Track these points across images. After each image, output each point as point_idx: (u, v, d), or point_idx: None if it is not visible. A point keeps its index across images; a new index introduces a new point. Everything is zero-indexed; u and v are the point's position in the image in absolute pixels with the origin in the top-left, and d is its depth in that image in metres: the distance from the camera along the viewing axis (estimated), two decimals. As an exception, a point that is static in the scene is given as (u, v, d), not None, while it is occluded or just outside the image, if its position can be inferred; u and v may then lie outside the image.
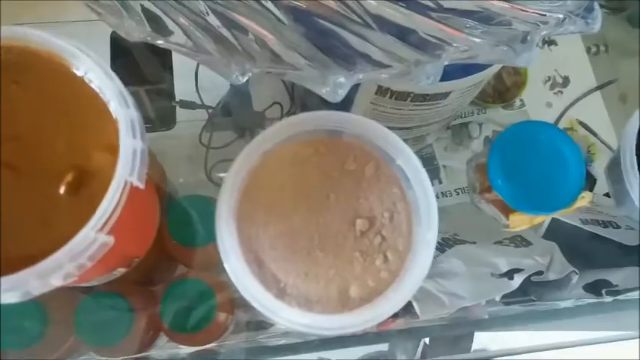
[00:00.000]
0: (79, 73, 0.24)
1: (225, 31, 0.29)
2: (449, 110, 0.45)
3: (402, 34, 0.30)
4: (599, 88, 0.56)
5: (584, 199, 0.32)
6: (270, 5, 0.27)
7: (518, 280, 0.39)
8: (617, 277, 0.41)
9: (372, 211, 0.28)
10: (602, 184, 0.41)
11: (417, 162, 0.28)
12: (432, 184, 0.52)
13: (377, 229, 0.28)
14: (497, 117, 0.55)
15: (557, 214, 0.34)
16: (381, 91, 0.38)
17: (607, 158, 0.45)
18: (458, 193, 0.54)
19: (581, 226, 0.42)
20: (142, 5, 0.28)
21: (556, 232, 0.43)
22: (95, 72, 0.24)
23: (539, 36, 0.31)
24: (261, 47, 0.29)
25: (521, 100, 0.55)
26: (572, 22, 0.32)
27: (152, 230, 0.32)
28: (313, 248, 0.27)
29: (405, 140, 0.41)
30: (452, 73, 0.37)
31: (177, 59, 0.50)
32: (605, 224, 0.44)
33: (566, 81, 0.57)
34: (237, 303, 0.37)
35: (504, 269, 0.40)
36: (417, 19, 0.31)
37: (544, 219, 0.35)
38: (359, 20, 0.29)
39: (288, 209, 0.28)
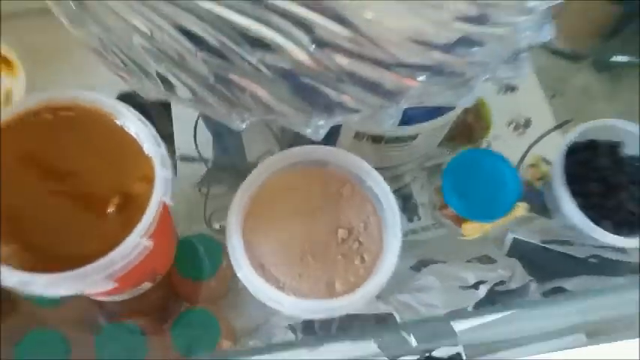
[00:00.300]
0: (119, 123, 0.32)
1: (225, 90, 0.37)
2: (419, 151, 0.52)
3: (370, 85, 0.39)
4: (557, 127, 0.63)
5: (520, 209, 0.39)
6: (262, 67, 0.35)
7: (483, 290, 0.45)
8: (570, 284, 0.48)
9: (351, 223, 0.36)
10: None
11: (384, 183, 0.36)
12: (412, 220, 0.59)
13: (355, 237, 0.35)
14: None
15: (501, 222, 0.41)
16: (359, 135, 0.46)
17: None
18: (436, 228, 0.61)
19: (542, 244, 0.50)
20: (156, 71, 0.37)
21: (519, 250, 0.50)
22: (132, 121, 0.32)
23: (478, 81, 0.40)
24: (256, 101, 0.37)
25: (488, 140, 0.63)
26: (504, 69, 0.40)
27: (172, 249, 0.39)
28: (305, 254, 0.35)
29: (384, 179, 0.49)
30: (417, 117, 0.45)
31: (177, 114, 0.54)
32: (562, 242, 0.51)
33: (527, 122, 0.64)
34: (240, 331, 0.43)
35: (471, 282, 0.46)
36: (383, 74, 0.39)
37: (491, 226, 0.42)
38: (334, 76, 0.38)
39: (283, 225, 0.35)
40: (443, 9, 0.41)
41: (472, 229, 0.41)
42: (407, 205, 0.60)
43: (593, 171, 0.43)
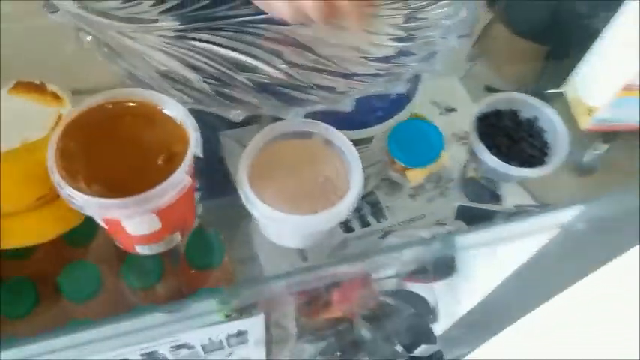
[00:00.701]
0: (162, 108, 0.47)
1: (223, 99, 0.53)
2: (377, 156, 0.68)
3: (327, 88, 0.55)
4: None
5: (445, 157, 0.55)
6: (248, 82, 0.52)
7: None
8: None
9: (327, 172, 0.50)
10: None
11: (347, 141, 0.51)
12: (380, 222, 0.74)
13: (331, 181, 0.50)
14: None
15: (434, 168, 0.57)
16: None
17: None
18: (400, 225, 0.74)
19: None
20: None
21: (463, 214, 0.65)
22: (171, 105, 0.47)
23: (406, 76, 0.56)
24: (245, 104, 0.53)
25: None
26: (423, 66, 0.57)
27: (194, 210, 0.52)
28: (297, 195, 0.49)
29: None
30: (370, 122, 0.61)
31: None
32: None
33: (466, 134, 0.80)
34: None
35: (427, 237, 0.61)
36: (337, 81, 0.56)
37: (428, 171, 0.57)
38: (304, 85, 0.54)
39: (283, 175, 0.50)
40: (380, 34, 0.59)
41: (414, 175, 0.56)
42: (375, 210, 0.74)
43: (500, 130, 0.60)
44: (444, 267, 0.90)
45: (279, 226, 0.48)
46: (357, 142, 0.59)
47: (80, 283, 0.52)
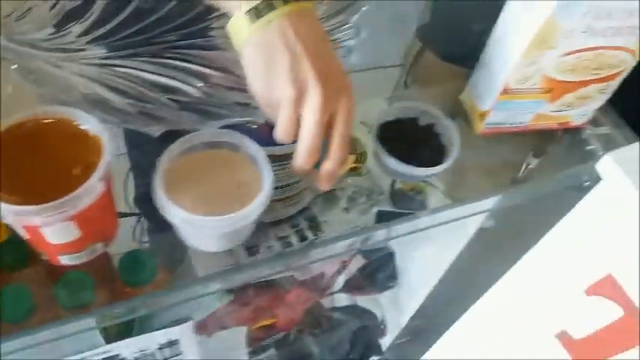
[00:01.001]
0: (79, 123, 0.51)
1: (146, 118, 0.57)
2: None
3: (242, 104, 0.59)
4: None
5: (350, 160, 0.53)
6: (169, 102, 0.56)
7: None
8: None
9: (242, 177, 0.54)
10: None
11: (259, 149, 0.54)
12: (316, 236, 0.77)
13: (244, 185, 0.53)
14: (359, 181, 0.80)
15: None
16: None
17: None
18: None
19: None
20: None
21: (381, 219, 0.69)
22: (89, 120, 0.50)
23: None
24: (165, 121, 0.57)
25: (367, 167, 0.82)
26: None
27: (116, 221, 0.55)
28: (214, 199, 0.52)
29: (286, 199, 0.67)
30: None
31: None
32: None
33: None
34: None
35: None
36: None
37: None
38: (222, 103, 0.58)
39: (198, 182, 0.53)
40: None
41: None
42: (312, 224, 0.77)
43: (400, 135, 0.64)
44: (386, 277, 0.94)
45: (195, 229, 0.51)
46: (279, 158, 0.62)
47: (14, 305, 0.54)
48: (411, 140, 0.65)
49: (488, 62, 0.66)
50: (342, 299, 1.00)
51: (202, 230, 0.52)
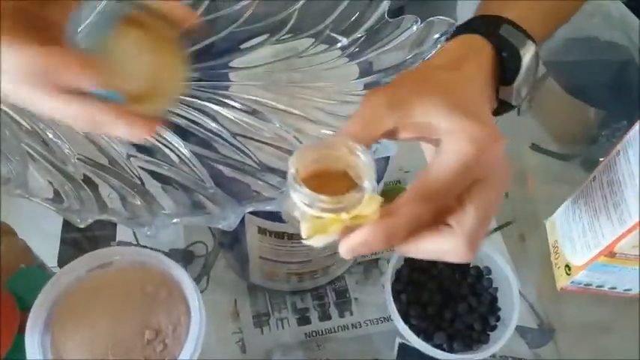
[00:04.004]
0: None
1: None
2: (332, 245, 0.52)
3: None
4: (498, 228, 0.61)
5: (372, 202, 0.28)
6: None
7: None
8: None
9: (160, 324, 0.36)
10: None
11: (193, 288, 0.36)
12: (344, 316, 0.59)
13: (161, 339, 0.36)
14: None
15: (350, 220, 0.28)
16: (261, 230, 0.47)
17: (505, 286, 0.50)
18: (367, 325, 0.59)
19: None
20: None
21: (405, 354, 0.48)
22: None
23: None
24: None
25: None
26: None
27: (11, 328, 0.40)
28: (107, 353, 0.35)
29: (313, 272, 0.48)
30: None
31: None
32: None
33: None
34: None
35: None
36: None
37: (335, 227, 0.29)
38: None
39: (91, 322, 0.36)
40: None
41: (310, 225, 0.29)
42: (342, 299, 0.59)
43: (432, 280, 0.41)
44: None
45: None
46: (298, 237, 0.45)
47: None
48: (446, 290, 0.42)
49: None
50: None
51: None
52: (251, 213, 0.42)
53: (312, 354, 0.53)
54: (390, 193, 0.61)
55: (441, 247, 0.28)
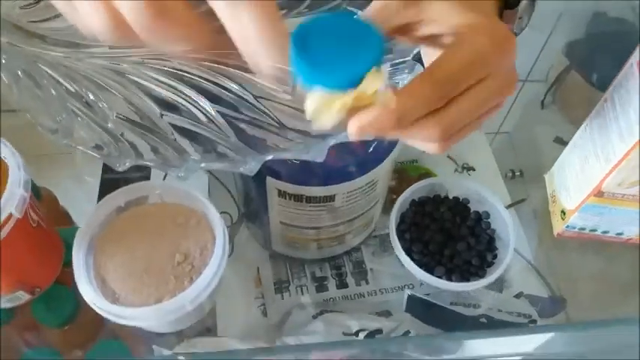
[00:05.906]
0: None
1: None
2: (346, 213, 0.55)
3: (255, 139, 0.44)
4: (512, 205, 0.64)
5: (376, 77, 0.27)
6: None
7: (361, 336, 0.47)
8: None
9: (189, 249, 0.41)
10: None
11: (219, 219, 0.40)
12: (360, 285, 0.61)
13: (189, 261, 0.40)
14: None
15: (354, 101, 0.27)
16: (281, 193, 0.51)
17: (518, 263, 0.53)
18: (382, 293, 0.61)
19: (447, 306, 0.50)
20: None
21: (414, 306, 0.51)
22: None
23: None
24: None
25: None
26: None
27: (52, 264, 0.45)
28: (142, 273, 0.40)
29: (329, 239, 0.53)
30: (330, 180, 0.49)
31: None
32: (467, 305, 0.51)
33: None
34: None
35: (354, 330, 0.48)
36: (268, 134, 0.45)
37: (340, 104, 0.27)
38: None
39: (129, 247, 0.41)
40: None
41: (314, 101, 0.28)
42: (358, 270, 0.62)
43: (434, 222, 0.45)
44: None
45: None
46: (316, 200, 0.48)
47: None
48: (447, 231, 0.45)
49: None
50: None
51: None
52: (272, 176, 0.46)
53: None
54: (407, 172, 0.64)
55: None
